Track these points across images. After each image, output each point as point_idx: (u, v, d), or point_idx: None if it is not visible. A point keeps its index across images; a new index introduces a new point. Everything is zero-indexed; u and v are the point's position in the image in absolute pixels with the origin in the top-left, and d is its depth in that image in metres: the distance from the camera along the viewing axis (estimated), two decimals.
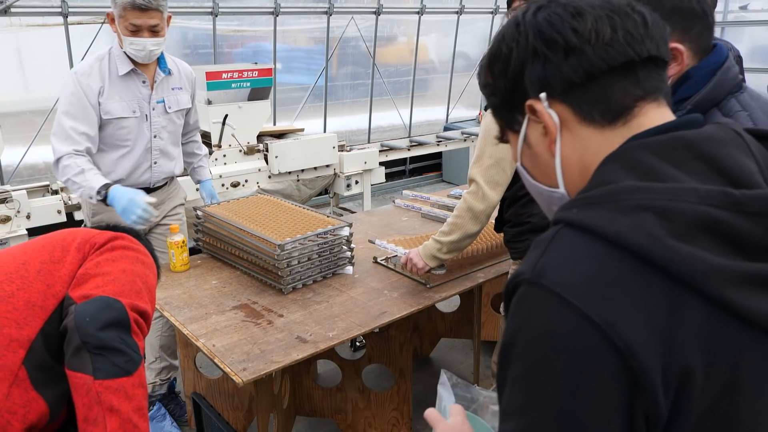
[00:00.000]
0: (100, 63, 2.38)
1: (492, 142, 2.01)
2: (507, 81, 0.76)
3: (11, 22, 4.12)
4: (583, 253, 0.64)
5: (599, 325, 0.59)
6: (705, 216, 0.61)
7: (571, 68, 0.70)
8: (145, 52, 2.33)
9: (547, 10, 0.72)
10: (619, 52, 0.69)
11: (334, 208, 4.84)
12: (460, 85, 6.99)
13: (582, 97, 0.72)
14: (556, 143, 0.74)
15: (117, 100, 2.38)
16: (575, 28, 0.70)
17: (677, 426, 0.61)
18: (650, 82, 0.72)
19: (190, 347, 2.53)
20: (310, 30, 5.70)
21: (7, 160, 4.39)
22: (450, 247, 2.11)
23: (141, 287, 1.43)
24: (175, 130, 2.60)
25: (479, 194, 2.01)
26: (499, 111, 0.83)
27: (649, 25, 0.71)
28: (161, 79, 2.48)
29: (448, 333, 3.25)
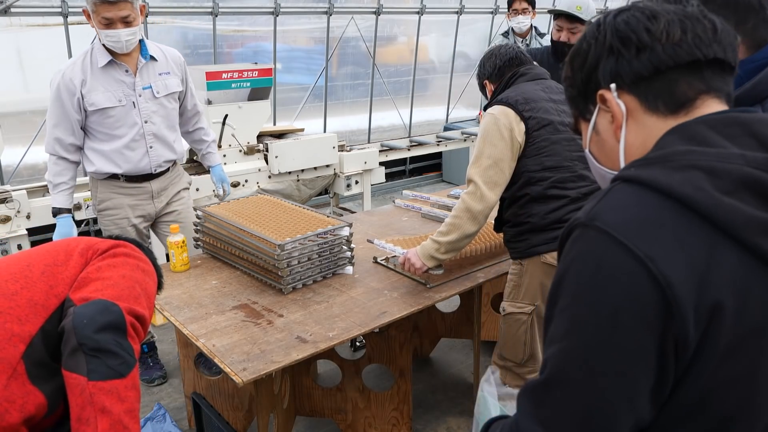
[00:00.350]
0: (83, 58, 2.50)
1: (491, 143, 2.01)
2: (584, 73, 0.86)
3: (11, 22, 4.12)
4: (634, 201, 0.72)
5: (642, 259, 0.67)
6: (749, 176, 0.68)
7: (641, 63, 0.79)
8: (121, 43, 2.42)
9: (627, 13, 0.81)
10: (687, 52, 0.77)
11: (334, 208, 4.84)
12: (460, 85, 6.99)
13: (648, 89, 0.80)
14: (621, 129, 0.82)
15: (101, 91, 2.49)
16: (648, 28, 0.78)
17: (703, 358, 0.68)
18: (715, 82, 0.79)
19: (190, 347, 2.53)
20: (310, 30, 5.69)
21: (7, 160, 4.39)
22: (448, 247, 2.11)
23: (139, 293, 1.47)
24: (167, 115, 2.67)
25: (477, 195, 2.02)
26: (575, 101, 0.92)
27: (719, 32, 0.78)
28: (143, 65, 2.56)
29: (448, 333, 3.25)
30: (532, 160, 2.02)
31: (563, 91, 0.96)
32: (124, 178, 2.68)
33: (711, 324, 0.67)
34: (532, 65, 2.23)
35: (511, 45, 2.33)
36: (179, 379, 2.84)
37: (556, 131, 2.03)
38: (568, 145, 2.05)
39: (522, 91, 2.08)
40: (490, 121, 2.04)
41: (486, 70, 2.26)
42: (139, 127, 2.58)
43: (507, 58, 2.21)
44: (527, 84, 2.14)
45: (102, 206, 2.69)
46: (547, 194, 2.03)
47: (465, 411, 2.85)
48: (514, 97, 2.05)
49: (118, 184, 2.69)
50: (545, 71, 2.24)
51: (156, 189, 2.75)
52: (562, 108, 2.09)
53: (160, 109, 2.62)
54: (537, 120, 2.02)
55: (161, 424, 2.67)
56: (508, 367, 2.24)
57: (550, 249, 2.05)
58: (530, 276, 2.10)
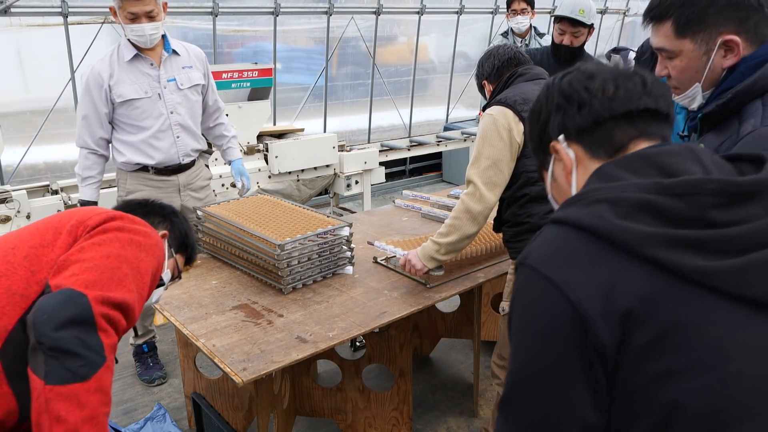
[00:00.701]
0: (111, 54, 2.64)
1: (489, 144, 2.01)
2: (539, 128, 1.01)
3: (11, 22, 4.12)
4: (555, 237, 0.86)
5: (559, 285, 0.80)
6: (642, 200, 0.81)
7: (582, 117, 0.93)
8: (145, 37, 2.54)
9: (570, 75, 0.97)
10: (620, 104, 0.91)
11: (334, 208, 4.84)
12: (460, 85, 6.98)
13: (591, 139, 0.94)
14: (572, 175, 0.97)
15: (127, 84, 2.61)
16: (587, 87, 0.93)
17: (627, 359, 0.78)
18: (648, 128, 0.92)
19: (190, 347, 2.53)
20: (310, 30, 5.69)
21: (7, 160, 4.39)
22: (448, 248, 2.11)
23: (126, 274, 1.31)
24: (191, 107, 2.79)
25: (476, 195, 2.02)
26: (536, 153, 1.06)
27: (648, 85, 0.92)
28: (166, 59, 2.68)
29: (448, 333, 3.25)
30: (531, 160, 2.02)
31: None
32: (154, 171, 2.77)
33: (626, 329, 0.77)
34: (531, 65, 2.23)
35: (510, 45, 2.32)
36: (179, 379, 2.84)
37: None
38: None
39: (521, 92, 2.07)
40: (488, 121, 2.03)
41: (484, 71, 2.26)
42: (165, 117, 2.70)
43: (505, 59, 2.21)
44: (526, 84, 2.13)
45: (130, 197, 2.74)
46: (546, 194, 2.02)
47: (465, 411, 2.85)
48: (512, 97, 2.04)
49: (147, 177, 2.77)
50: (544, 71, 2.23)
51: (182, 182, 2.85)
52: None
53: (184, 100, 2.74)
54: None
55: (161, 424, 2.67)
56: (507, 367, 2.24)
57: None
58: None
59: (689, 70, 1.32)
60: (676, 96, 1.41)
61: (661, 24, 1.31)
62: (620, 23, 8.50)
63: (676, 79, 1.36)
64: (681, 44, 1.30)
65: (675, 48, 1.31)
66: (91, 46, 4.43)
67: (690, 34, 1.28)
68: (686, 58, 1.31)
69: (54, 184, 3.69)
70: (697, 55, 1.29)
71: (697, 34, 1.28)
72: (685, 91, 1.36)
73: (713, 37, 1.27)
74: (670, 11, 1.29)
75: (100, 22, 4.42)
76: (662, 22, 1.31)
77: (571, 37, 3.21)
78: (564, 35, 3.22)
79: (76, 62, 4.42)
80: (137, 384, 3.05)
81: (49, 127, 4.47)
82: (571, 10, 3.14)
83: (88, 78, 2.61)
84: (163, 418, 2.70)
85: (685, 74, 1.33)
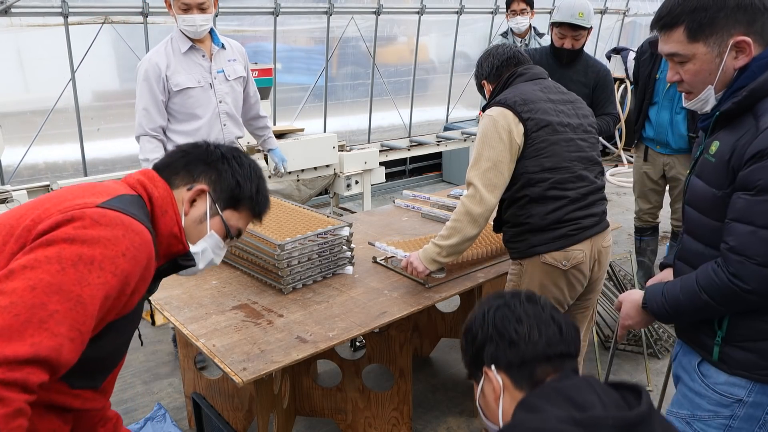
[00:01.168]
0: (165, 45, 2.80)
1: (490, 145, 2.01)
2: (474, 349, 1.18)
3: (11, 22, 4.12)
4: None
5: None
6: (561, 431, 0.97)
7: (512, 355, 1.12)
8: (195, 27, 2.72)
9: (502, 311, 1.16)
10: (542, 350, 1.11)
11: (334, 208, 4.84)
12: (460, 85, 6.98)
13: (517, 374, 1.12)
14: (500, 399, 1.13)
15: (183, 73, 2.78)
16: (517, 330, 1.13)
17: None
18: (561, 365, 1.12)
19: (190, 347, 2.53)
20: (310, 30, 5.69)
21: (7, 160, 4.39)
22: (449, 250, 2.11)
23: (51, 313, 1.04)
24: (236, 97, 2.99)
25: (477, 198, 2.01)
26: (468, 364, 1.22)
27: (563, 332, 1.14)
28: (216, 52, 2.88)
29: (448, 333, 3.25)
30: (532, 161, 2.02)
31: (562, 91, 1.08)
32: None
33: None
34: (530, 65, 2.22)
35: (509, 45, 2.32)
36: (179, 379, 2.84)
37: (554, 132, 2.03)
38: (567, 146, 2.04)
39: (520, 92, 2.07)
40: (488, 122, 2.03)
41: (484, 71, 2.25)
42: (215, 106, 2.88)
43: (504, 58, 2.21)
44: (526, 84, 2.13)
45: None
46: (546, 195, 2.02)
47: (465, 411, 2.85)
48: (512, 98, 2.04)
49: None
50: (543, 70, 2.23)
51: None
52: (560, 108, 2.08)
53: (231, 91, 2.94)
54: (536, 121, 2.01)
55: (161, 424, 2.67)
56: None
57: (549, 249, 2.05)
58: (530, 276, 2.10)
59: (703, 73, 1.37)
60: (687, 101, 1.46)
61: (673, 30, 1.37)
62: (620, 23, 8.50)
63: (690, 83, 1.41)
64: (694, 48, 1.35)
65: (688, 52, 1.36)
66: (91, 46, 4.43)
67: (703, 38, 1.34)
68: (700, 62, 1.36)
69: (54, 184, 3.69)
70: (710, 58, 1.35)
71: (710, 38, 1.33)
72: (699, 94, 1.41)
73: (725, 39, 1.33)
74: (682, 17, 1.35)
75: (100, 22, 4.42)
76: (674, 28, 1.37)
77: (572, 40, 3.22)
78: (565, 39, 3.23)
79: (76, 62, 4.42)
80: (137, 384, 3.05)
81: (49, 127, 4.47)
82: (570, 14, 3.15)
83: (147, 69, 2.74)
84: (163, 418, 2.70)
85: (698, 77, 1.39)
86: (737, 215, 1.34)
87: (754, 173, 1.30)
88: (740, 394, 1.46)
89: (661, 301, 1.52)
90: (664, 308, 1.52)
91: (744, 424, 1.47)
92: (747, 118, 1.34)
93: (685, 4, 1.34)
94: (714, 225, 1.42)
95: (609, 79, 3.35)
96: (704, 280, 1.40)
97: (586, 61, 3.34)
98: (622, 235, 5.00)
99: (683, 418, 1.58)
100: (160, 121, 2.81)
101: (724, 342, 1.45)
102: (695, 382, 1.54)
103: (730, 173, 1.36)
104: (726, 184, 1.37)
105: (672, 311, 1.51)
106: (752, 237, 1.31)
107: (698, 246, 1.49)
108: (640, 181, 3.80)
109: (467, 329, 1.21)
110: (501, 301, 1.19)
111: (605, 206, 2.19)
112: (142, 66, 2.77)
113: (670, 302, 1.50)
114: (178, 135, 2.86)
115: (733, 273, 1.34)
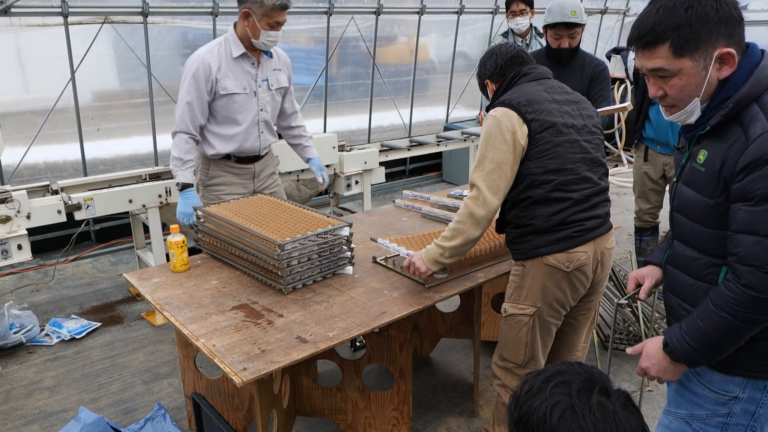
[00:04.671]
0: (219, 46, 2.82)
1: (493, 147, 2.00)
2: None
3: (11, 22, 4.12)
4: None
5: None
6: None
7: None
8: (273, 42, 2.85)
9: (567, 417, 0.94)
10: None
11: (334, 208, 4.84)
12: (460, 85, 6.98)
13: None
14: None
15: (231, 78, 2.83)
16: None
17: None
18: None
19: (190, 347, 2.53)
20: (310, 30, 5.69)
21: (7, 160, 4.39)
22: (452, 252, 2.11)
23: None
24: (275, 107, 3.06)
25: (480, 199, 2.01)
26: None
27: None
28: (264, 61, 2.94)
29: (448, 333, 3.25)
30: (535, 162, 2.01)
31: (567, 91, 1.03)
32: (234, 159, 3.01)
33: None
34: (534, 64, 2.21)
35: (512, 44, 2.31)
36: (179, 379, 2.84)
37: (559, 133, 2.02)
38: (571, 147, 2.03)
39: (525, 92, 2.05)
40: (492, 123, 2.01)
41: (487, 69, 2.24)
42: (255, 113, 2.94)
43: (508, 57, 2.19)
44: (530, 84, 2.11)
45: (212, 182, 3.03)
46: (550, 197, 2.02)
47: (465, 411, 2.85)
48: (516, 98, 2.03)
49: (229, 164, 3.02)
50: (548, 70, 2.21)
51: (257, 170, 3.10)
52: (564, 109, 2.07)
53: (271, 100, 3.00)
54: (540, 122, 2.00)
55: (161, 424, 2.67)
56: (508, 368, 2.24)
57: (552, 251, 2.04)
58: (532, 277, 2.10)
59: (689, 87, 1.39)
60: (670, 114, 1.47)
61: (657, 48, 1.38)
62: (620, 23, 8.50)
63: (675, 97, 1.42)
64: (680, 63, 1.37)
65: (674, 68, 1.38)
66: (91, 46, 4.43)
67: (689, 53, 1.36)
68: (686, 76, 1.38)
69: (54, 184, 3.69)
70: (697, 71, 1.37)
71: (696, 52, 1.35)
72: (684, 107, 1.42)
73: (709, 52, 1.35)
74: (667, 34, 1.36)
75: (100, 22, 4.42)
76: (657, 45, 1.38)
77: (568, 39, 3.22)
78: (561, 39, 3.23)
79: (76, 62, 4.42)
80: (137, 384, 3.05)
81: (49, 127, 4.47)
82: (563, 14, 3.17)
83: (198, 67, 2.76)
84: (163, 418, 2.70)
85: (684, 91, 1.40)
86: (740, 227, 1.34)
87: (751, 184, 1.31)
88: (735, 391, 1.47)
89: (681, 338, 1.44)
90: (685, 341, 1.43)
91: (740, 419, 1.49)
92: (733, 127, 1.37)
93: (668, 22, 1.35)
94: (710, 232, 1.44)
95: (605, 74, 3.33)
96: (718, 299, 1.38)
97: (583, 57, 3.33)
98: (622, 235, 5.00)
99: (682, 418, 1.59)
100: (201, 120, 2.84)
101: None
102: (692, 382, 1.55)
103: (722, 182, 1.38)
104: (718, 193, 1.39)
105: (695, 342, 1.42)
106: (759, 246, 1.31)
107: (691, 252, 1.50)
108: (640, 181, 3.80)
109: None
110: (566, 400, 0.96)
111: (609, 208, 2.18)
112: (194, 63, 2.79)
113: (691, 333, 1.43)
114: (214, 137, 2.92)
115: (746, 284, 1.33)
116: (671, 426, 1.63)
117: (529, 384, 0.99)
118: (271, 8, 2.70)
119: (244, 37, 2.82)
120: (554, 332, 2.21)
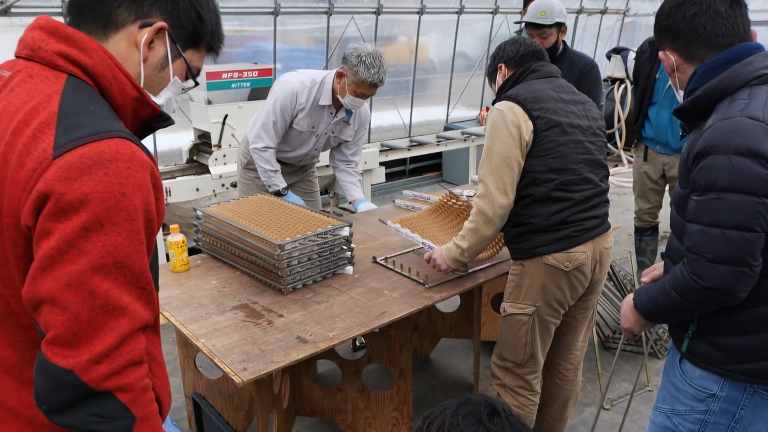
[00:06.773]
0: (312, 87, 2.95)
1: (499, 140, 1.99)
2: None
3: (11, 22, 4.12)
4: None
5: None
6: None
7: None
8: (357, 107, 2.98)
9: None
10: None
11: (334, 208, 4.84)
12: (460, 85, 6.98)
13: None
14: None
15: (308, 119, 3.00)
16: None
17: None
18: None
19: (190, 347, 2.53)
20: (310, 30, 5.69)
21: None
22: (470, 251, 2.13)
23: (115, 292, 0.97)
24: (327, 144, 3.25)
25: (487, 198, 2.01)
26: None
27: None
28: (341, 116, 3.07)
29: (448, 333, 3.25)
30: (538, 160, 2.01)
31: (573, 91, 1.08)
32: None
33: None
34: (546, 62, 2.21)
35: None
36: (179, 379, 2.84)
37: (563, 133, 2.02)
38: (575, 148, 2.03)
39: (532, 89, 2.04)
40: (497, 116, 2.01)
41: (506, 54, 2.21)
42: (310, 149, 3.17)
43: (531, 50, 2.18)
44: (538, 82, 2.10)
45: (251, 165, 3.17)
46: (551, 196, 2.02)
47: None
48: (523, 94, 2.02)
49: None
50: (557, 69, 2.20)
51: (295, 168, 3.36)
52: (570, 109, 2.07)
53: (326, 143, 3.21)
54: (545, 120, 1.99)
55: None
56: (507, 367, 2.24)
57: (552, 250, 2.04)
58: (531, 277, 2.10)
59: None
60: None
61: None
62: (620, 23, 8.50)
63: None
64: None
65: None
66: None
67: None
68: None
69: None
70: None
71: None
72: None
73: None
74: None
75: None
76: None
77: (540, 39, 3.23)
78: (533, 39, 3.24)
79: None
80: None
81: None
82: (533, 14, 3.22)
83: (288, 94, 2.91)
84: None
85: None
86: (690, 216, 1.42)
87: (698, 173, 1.38)
88: (713, 388, 1.50)
89: (644, 301, 1.59)
90: (648, 307, 1.58)
91: (719, 419, 1.51)
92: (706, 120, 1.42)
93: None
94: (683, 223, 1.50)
95: (594, 73, 3.30)
96: (672, 280, 1.47)
97: (571, 57, 3.33)
98: (622, 235, 5.00)
99: (664, 413, 1.62)
100: (277, 139, 3.02)
101: (694, 336, 1.52)
102: (676, 377, 1.59)
103: (687, 173, 1.44)
104: (686, 183, 1.46)
105: (654, 310, 1.57)
106: (702, 235, 1.38)
107: (676, 243, 1.55)
108: (639, 180, 3.80)
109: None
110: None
111: (607, 208, 2.19)
112: (287, 86, 2.92)
113: (651, 301, 1.57)
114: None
115: (692, 271, 1.41)
116: (655, 420, 1.67)
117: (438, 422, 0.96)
118: (362, 81, 2.80)
119: (335, 89, 2.94)
120: (553, 331, 2.22)
